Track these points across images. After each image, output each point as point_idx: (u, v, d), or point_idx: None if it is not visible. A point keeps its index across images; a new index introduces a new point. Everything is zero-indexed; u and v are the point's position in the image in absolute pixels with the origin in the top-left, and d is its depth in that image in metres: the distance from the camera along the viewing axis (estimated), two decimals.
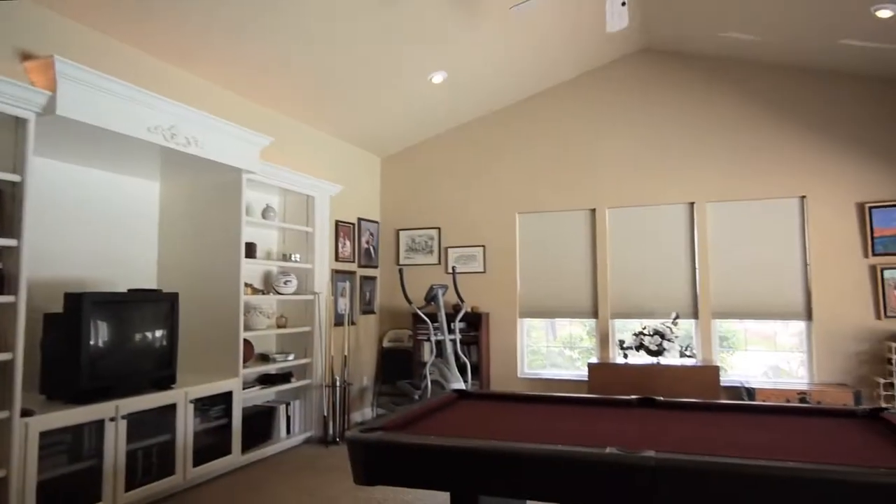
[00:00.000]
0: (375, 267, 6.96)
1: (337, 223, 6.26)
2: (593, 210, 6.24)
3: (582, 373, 6.13)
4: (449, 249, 6.76)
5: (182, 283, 4.57)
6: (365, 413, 6.59)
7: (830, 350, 5.40)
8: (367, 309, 6.74)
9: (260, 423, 5.07)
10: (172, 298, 4.16)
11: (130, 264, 4.42)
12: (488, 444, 2.37)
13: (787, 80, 5.65)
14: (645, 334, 5.51)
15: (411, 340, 6.53)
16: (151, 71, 4.34)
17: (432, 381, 5.43)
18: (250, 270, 5.19)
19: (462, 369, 5.58)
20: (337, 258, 6.23)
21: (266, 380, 5.18)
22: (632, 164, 6.12)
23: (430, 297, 5.70)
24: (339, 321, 6.10)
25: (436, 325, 5.68)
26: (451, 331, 5.74)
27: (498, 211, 6.61)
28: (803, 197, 5.58)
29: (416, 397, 5.62)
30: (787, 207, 5.63)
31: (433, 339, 5.54)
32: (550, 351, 6.60)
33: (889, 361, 5.08)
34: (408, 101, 5.94)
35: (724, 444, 2.50)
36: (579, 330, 6.51)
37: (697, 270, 5.83)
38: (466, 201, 6.75)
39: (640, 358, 5.64)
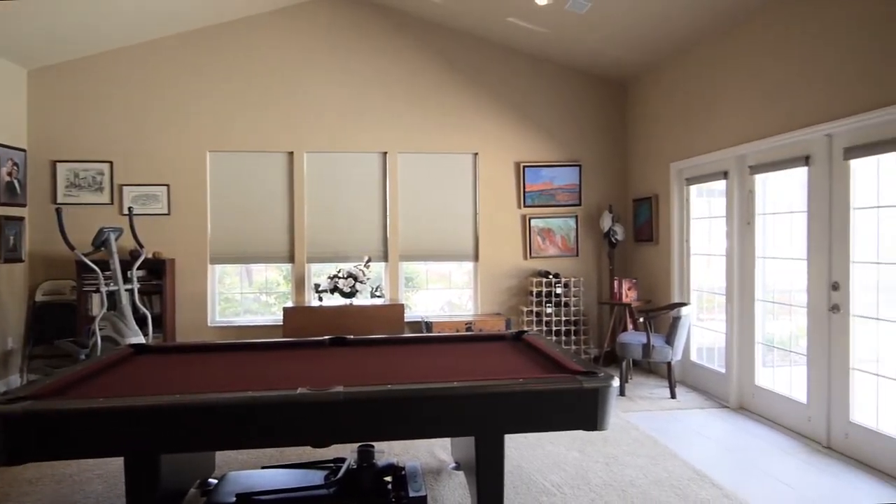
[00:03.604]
0: (23, 205, 5.68)
1: None
2: (291, 153, 6.11)
3: (277, 317, 6.08)
4: (124, 187, 5.89)
5: None
6: (11, 381, 5.46)
7: (491, 286, 6.39)
8: (12, 256, 5.49)
9: None
10: None
11: None
12: (166, 400, 2.18)
13: (469, 47, 6.29)
14: (339, 277, 5.72)
15: (75, 292, 5.58)
16: None
17: (103, 338, 4.76)
18: None
19: (141, 322, 5.01)
20: None
21: None
22: (331, 110, 6.14)
23: (100, 242, 4.93)
24: None
25: (107, 273, 4.95)
26: (127, 280, 5.07)
27: (186, 147, 5.98)
28: (476, 153, 6.37)
29: (83, 357, 4.87)
30: (463, 162, 6.37)
31: (104, 289, 4.82)
32: (245, 297, 6.37)
33: (531, 293, 6.26)
34: (67, 1, 4.85)
35: (405, 372, 2.76)
36: (276, 275, 6.42)
37: (388, 217, 6.23)
38: (147, 134, 5.93)
39: (334, 300, 5.84)
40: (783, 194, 4.41)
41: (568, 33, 5.59)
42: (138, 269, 5.27)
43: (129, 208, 5.58)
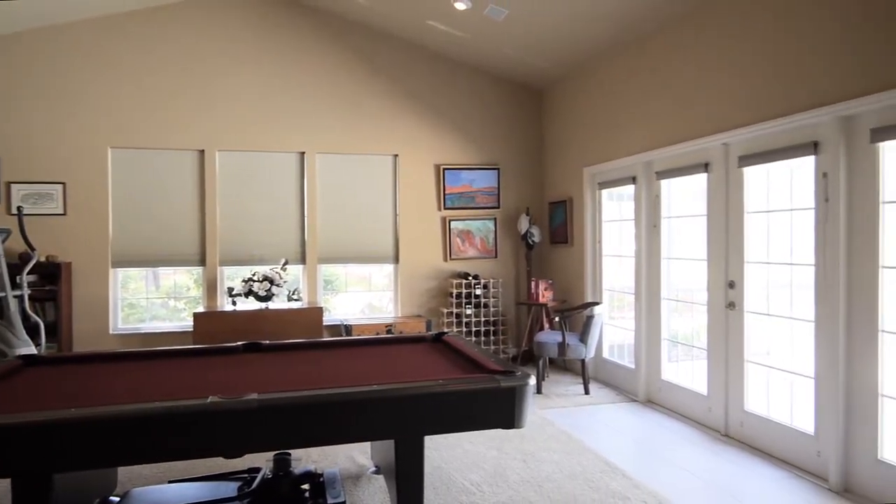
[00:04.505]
0: None
1: None
2: (202, 151, 5.84)
3: (187, 323, 5.79)
4: (13, 185, 5.41)
5: None
6: None
7: (411, 288, 6.38)
8: None
9: None
10: None
11: None
12: (59, 415, 2.02)
13: (390, 48, 6.25)
14: (255, 280, 5.52)
15: None
16: None
17: None
18: None
19: (33, 331, 4.62)
20: None
21: None
22: (246, 108, 5.92)
23: None
24: None
25: None
26: (16, 285, 4.67)
27: (84, 143, 5.58)
28: (396, 155, 6.35)
29: None
30: (383, 163, 6.33)
31: None
32: (153, 303, 6.03)
33: (451, 295, 6.31)
34: None
35: (323, 377, 2.70)
36: (185, 279, 6.11)
37: (306, 218, 6.09)
38: (40, 128, 5.48)
39: (249, 304, 5.64)
40: (686, 199, 4.69)
41: (486, 40, 5.69)
42: (29, 273, 4.86)
43: (19, 208, 5.13)
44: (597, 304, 5.29)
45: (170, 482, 3.12)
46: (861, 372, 3.14)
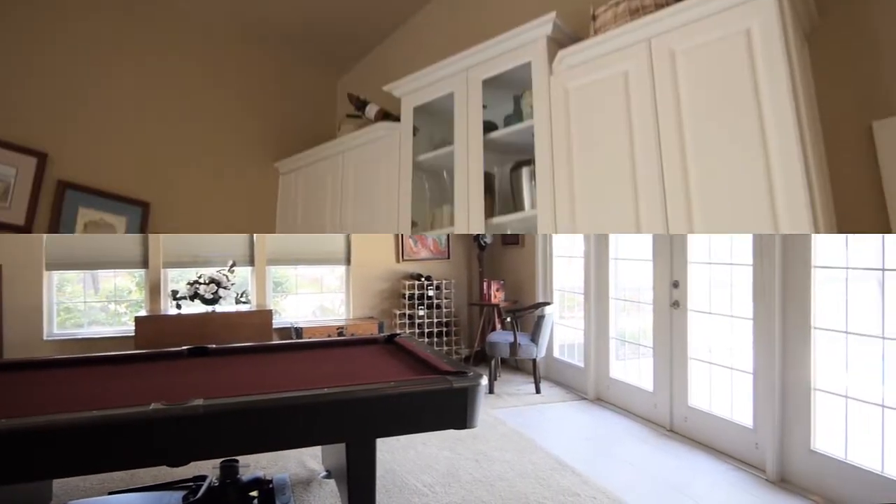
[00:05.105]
0: None
1: None
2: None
3: (129, 328, 5.57)
4: None
5: None
6: None
7: (363, 289, 6.33)
8: None
9: None
10: None
11: None
12: None
13: None
14: (200, 283, 5.36)
15: None
16: None
17: None
18: None
19: None
20: None
21: None
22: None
23: None
24: None
25: None
26: None
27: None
28: None
29: None
30: None
31: None
32: (91, 307, 5.77)
33: (403, 296, 6.28)
34: None
35: (272, 381, 2.64)
36: (127, 282, 5.88)
37: None
38: None
39: (194, 307, 5.47)
40: None
41: None
42: None
43: None
44: (547, 304, 5.37)
45: (110, 493, 3.00)
46: (795, 367, 3.30)
